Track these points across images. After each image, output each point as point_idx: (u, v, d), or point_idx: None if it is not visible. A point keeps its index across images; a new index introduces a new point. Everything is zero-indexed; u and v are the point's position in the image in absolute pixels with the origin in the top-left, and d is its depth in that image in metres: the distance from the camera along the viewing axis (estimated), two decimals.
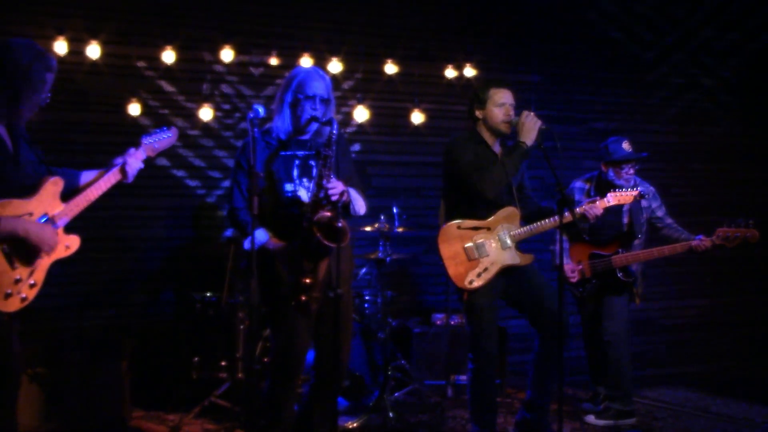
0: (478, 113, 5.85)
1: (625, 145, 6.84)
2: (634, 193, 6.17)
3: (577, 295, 6.97)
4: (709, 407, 7.54)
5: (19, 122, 4.37)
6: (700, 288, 9.77)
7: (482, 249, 5.75)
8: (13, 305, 4.21)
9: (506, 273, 5.83)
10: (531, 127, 5.66)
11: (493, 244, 5.77)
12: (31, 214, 4.27)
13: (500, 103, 5.77)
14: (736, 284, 9.88)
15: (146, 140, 4.95)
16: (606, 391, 6.92)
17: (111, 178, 4.65)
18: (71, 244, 4.53)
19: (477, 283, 5.72)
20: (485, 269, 5.74)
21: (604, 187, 6.72)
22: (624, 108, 9.43)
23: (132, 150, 4.76)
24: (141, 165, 4.77)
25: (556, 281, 5.30)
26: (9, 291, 4.17)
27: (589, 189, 7.01)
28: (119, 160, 4.69)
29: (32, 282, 4.28)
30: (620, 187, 6.49)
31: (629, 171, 6.84)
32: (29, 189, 4.31)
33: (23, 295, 4.24)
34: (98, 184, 4.60)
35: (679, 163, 9.54)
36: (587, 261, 6.83)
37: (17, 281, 4.20)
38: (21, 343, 4.36)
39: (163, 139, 5.03)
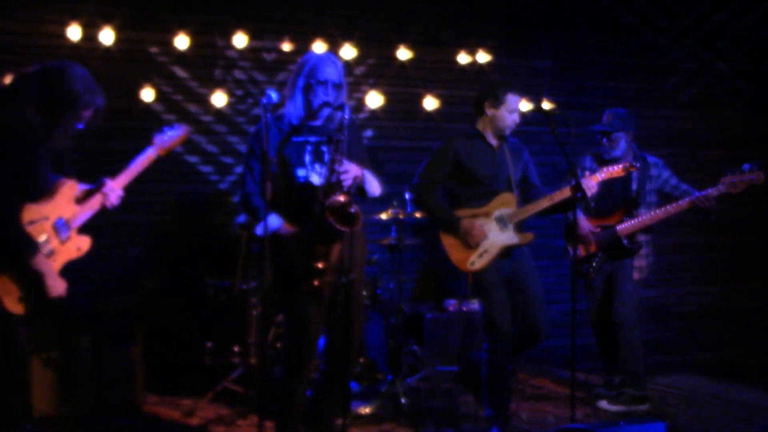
0: (489, 110, 5.93)
1: (606, 117, 6.91)
2: (624, 165, 6.16)
3: (585, 273, 6.92)
4: (722, 394, 7.52)
5: (49, 144, 4.40)
6: (712, 275, 9.75)
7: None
8: (21, 308, 4.27)
9: (512, 260, 5.94)
10: (472, 237, 5.85)
11: (492, 226, 5.88)
12: (47, 218, 4.32)
13: (513, 109, 5.88)
14: (749, 271, 9.86)
15: (158, 139, 5.01)
16: (620, 377, 6.92)
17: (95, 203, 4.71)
18: (82, 245, 4.63)
19: (478, 264, 5.83)
20: (485, 251, 5.86)
21: (608, 162, 6.80)
22: (637, 93, 9.39)
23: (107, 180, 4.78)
24: (120, 193, 4.80)
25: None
26: (21, 295, 4.25)
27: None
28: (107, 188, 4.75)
29: None
30: (614, 162, 6.57)
31: (605, 142, 6.86)
32: (45, 193, 4.36)
33: (30, 304, 4.29)
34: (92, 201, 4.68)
35: (692, 148, 9.50)
36: (592, 235, 6.82)
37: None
38: (27, 329, 4.39)
39: (174, 136, 5.12)
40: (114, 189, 4.73)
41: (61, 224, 4.42)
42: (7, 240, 4.11)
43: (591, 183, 5.90)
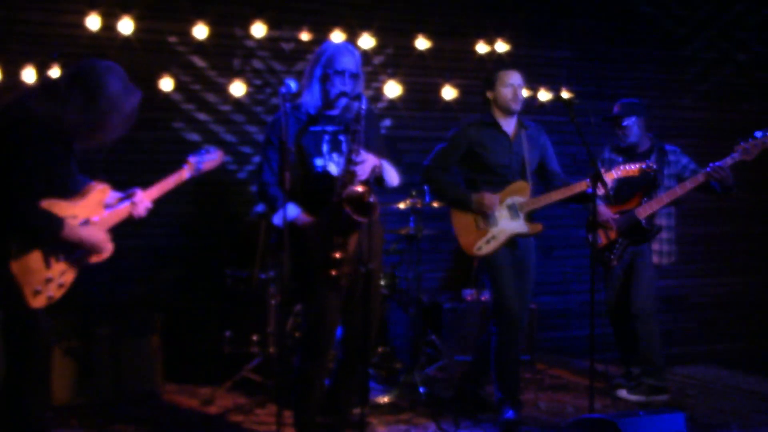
0: (489, 95, 6.10)
1: (615, 107, 6.95)
2: (641, 165, 6.15)
3: (606, 261, 6.91)
4: (741, 385, 7.51)
5: (87, 144, 4.42)
6: (732, 265, 9.71)
7: (492, 218, 5.97)
8: (39, 302, 4.28)
9: (517, 248, 6.04)
10: (485, 204, 5.94)
11: (503, 214, 5.99)
12: (75, 217, 4.33)
13: (508, 83, 6.00)
14: None
15: (192, 159, 5.12)
16: (640, 368, 6.91)
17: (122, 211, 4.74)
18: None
19: (485, 249, 5.96)
20: (493, 237, 5.97)
21: (631, 149, 6.95)
22: (655, 84, 9.35)
23: (138, 191, 4.82)
24: (149, 205, 4.86)
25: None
26: (39, 289, 4.24)
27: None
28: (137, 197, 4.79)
29: (61, 282, 4.37)
30: (632, 149, 6.77)
31: (618, 131, 6.91)
32: (76, 193, 4.37)
33: (50, 294, 4.32)
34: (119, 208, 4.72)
35: (711, 139, 9.43)
36: (612, 222, 6.81)
37: (48, 280, 4.28)
38: (49, 319, 4.40)
39: (208, 160, 5.23)
40: (143, 200, 4.79)
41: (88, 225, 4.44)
42: (30, 220, 4.11)
43: (605, 180, 5.88)
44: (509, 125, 6.08)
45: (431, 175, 6.13)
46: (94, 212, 4.49)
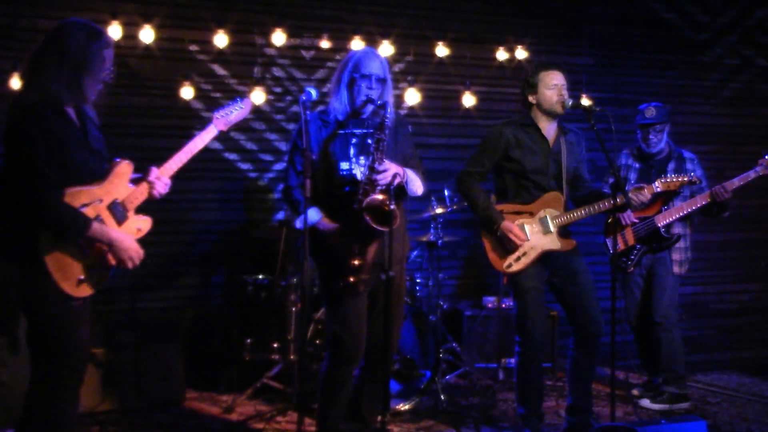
0: (531, 98, 5.82)
1: (648, 112, 6.91)
2: (684, 178, 6.11)
3: (623, 267, 6.89)
4: (764, 392, 7.49)
5: (85, 103, 4.39)
6: (753, 272, 9.65)
7: (523, 233, 5.74)
8: (85, 291, 4.25)
9: (553, 262, 5.83)
10: (509, 240, 5.70)
11: (535, 228, 5.75)
12: (101, 201, 4.29)
13: (552, 84, 5.74)
14: None
15: (218, 114, 4.93)
16: (662, 376, 6.89)
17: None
18: (143, 226, 4.56)
19: (515, 267, 5.73)
20: (524, 253, 5.73)
21: (648, 155, 6.92)
22: (677, 90, 9.31)
23: (153, 169, 4.68)
24: (168, 182, 4.68)
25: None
26: (81, 277, 4.21)
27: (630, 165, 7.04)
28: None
29: (105, 266, 4.31)
30: (658, 156, 6.81)
31: (651, 137, 6.88)
32: (99, 173, 4.35)
33: (96, 281, 4.28)
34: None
35: (733, 146, 9.40)
36: (630, 228, 6.79)
37: (90, 267, 4.25)
38: (89, 328, 4.39)
39: (236, 110, 5.00)
40: (160, 177, 4.60)
41: (116, 206, 4.37)
42: (55, 216, 4.09)
43: (642, 198, 5.83)
44: (550, 129, 5.84)
45: (465, 184, 5.87)
46: (120, 192, 4.40)
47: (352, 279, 4.92)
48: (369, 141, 5.04)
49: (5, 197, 4.15)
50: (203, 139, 4.83)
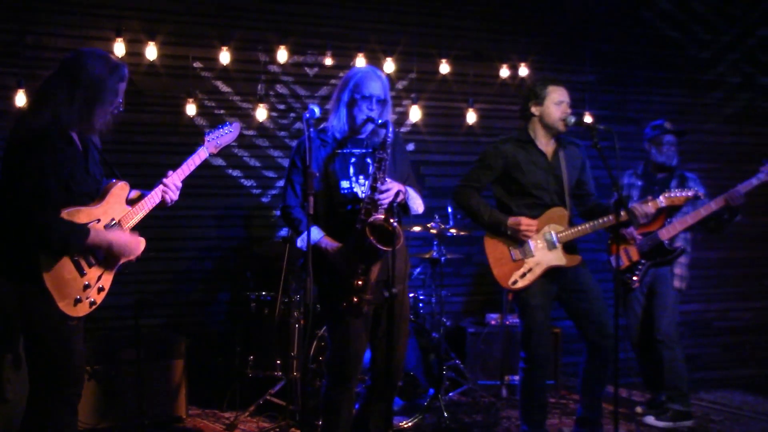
0: (534, 110, 5.80)
1: (667, 124, 6.97)
2: (689, 193, 6.09)
3: (627, 283, 6.88)
4: (767, 411, 7.46)
5: (92, 133, 4.42)
6: (756, 290, 9.64)
7: (527, 249, 5.73)
8: (83, 310, 4.26)
9: (560, 278, 5.81)
10: (521, 231, 5.69)
11: (539, 245, 5.74)
12: (99, 220, 4.31)
13: (558, 101, 5.73)
14: None
15: (208, 137, 4.97)
16: (665, 394, 6.88)
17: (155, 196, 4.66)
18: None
19: (521, 284, 5.72)
20: (530, 270, 5.72)
21: (651, 174, 6.94)
22: (679, 108, 9.31)
23: (170, 173, 4.75)
24: (180, 186, 4.74)
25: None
26: (78, 297, 4.22)
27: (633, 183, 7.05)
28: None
29: (101, 286, 4.33)
30: (666, 169, 6.84)
31: (670, 148, 6.90)
32: (95, 195, 4.37)
33: (92, 300, 4.28)
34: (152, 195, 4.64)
35: (736, 164, 9.39)
36: (633, 244, 6.79)
37: (86, 287, 4.25)
38: (84, 343, 4.40)
39: (226, 134, 5.05)
40: (175, 181, 4.66)
41: (113, 226, 4.40)
42: (54, 232, 4.09)
43: (648, 210, 5.80)
44: (547, 144, 5.83)
45: (464, 196, 5.87)
46: (116, 211, 4.43)
47: (355, 299, 4.89)
48: (368, 161, 5.06)
49: (5, 216, 4.16)
50: (194, 161, 4.87)
